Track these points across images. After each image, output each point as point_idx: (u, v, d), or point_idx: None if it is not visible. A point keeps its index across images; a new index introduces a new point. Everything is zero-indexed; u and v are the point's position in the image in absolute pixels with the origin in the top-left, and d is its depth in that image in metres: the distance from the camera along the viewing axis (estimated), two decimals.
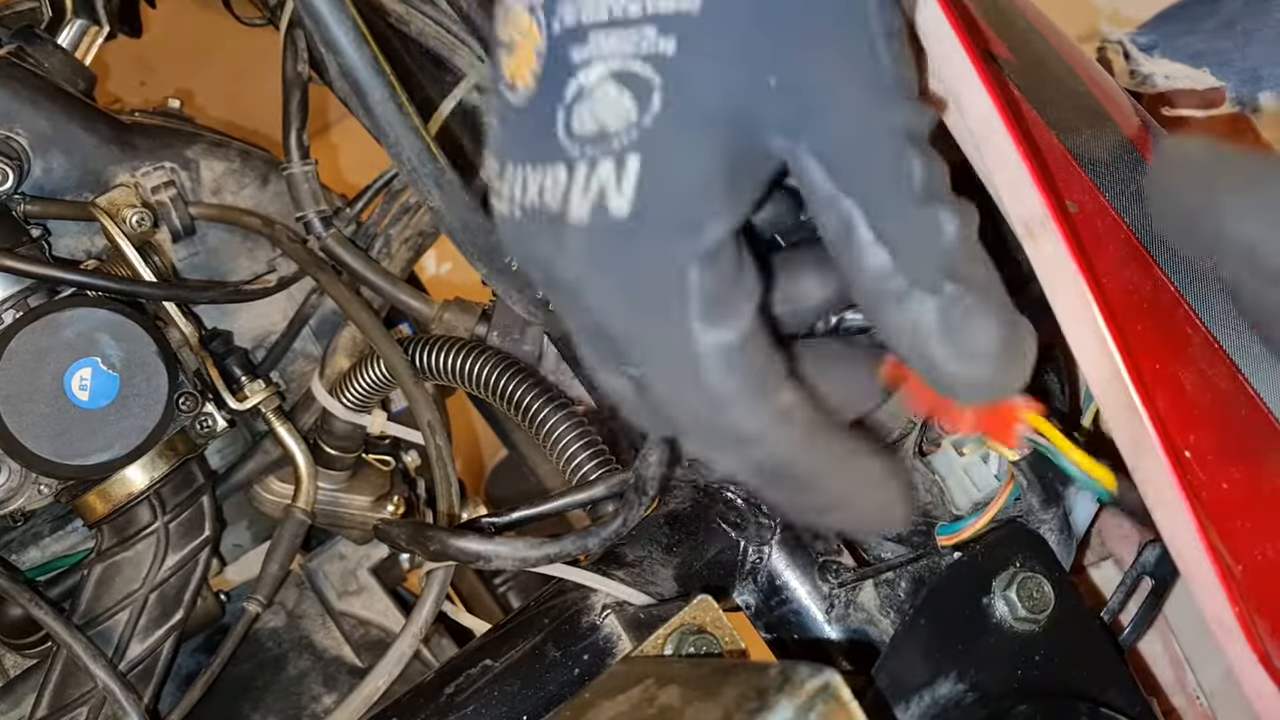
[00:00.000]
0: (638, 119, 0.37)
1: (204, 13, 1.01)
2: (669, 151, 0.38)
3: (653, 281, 0.38)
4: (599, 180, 0.38)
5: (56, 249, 0.78)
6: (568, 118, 0.38)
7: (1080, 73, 0.57)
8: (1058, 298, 0.46)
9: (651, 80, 0.37)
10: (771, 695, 0.41)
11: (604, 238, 0.38)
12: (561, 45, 0.38)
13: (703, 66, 0.37)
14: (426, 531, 0.55)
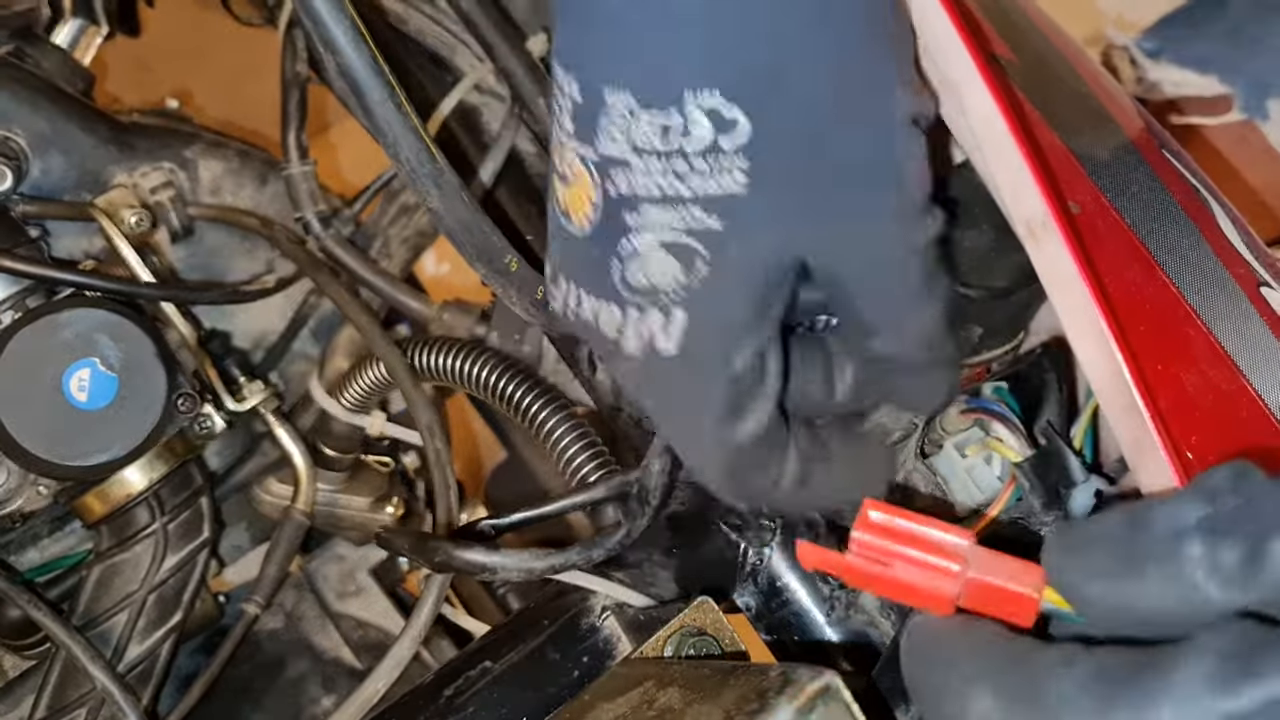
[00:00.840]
0: (685, 281, 0.42)
1: (203, 12, 1.01)
2: (711, 307, 0.43)
3: (689, 400, 0.45)
4: (649, 326, 0.43)
5: (55, 249, 0.78)
6: (623, 270, 0.42)
7: (1083, 73, 0.57)
8: (1059, 298, 0.46)
9: (699, 251, 0.42)
10: (772, 697, 0.41)
11: (652, 368, 0.44)
12: (616, 208, 0.41)
13: (745, 237, 0.41)
14: (430, 542, 0.55)
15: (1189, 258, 0.49)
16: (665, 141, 0.40)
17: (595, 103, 0.40)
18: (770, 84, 0.39)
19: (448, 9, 0.79)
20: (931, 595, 0.38)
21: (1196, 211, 0.52)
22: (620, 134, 0.40)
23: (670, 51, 0.39)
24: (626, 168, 0.41)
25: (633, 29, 0.39)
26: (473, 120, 0.80)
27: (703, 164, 0.40)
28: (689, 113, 0.39)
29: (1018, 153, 0.46)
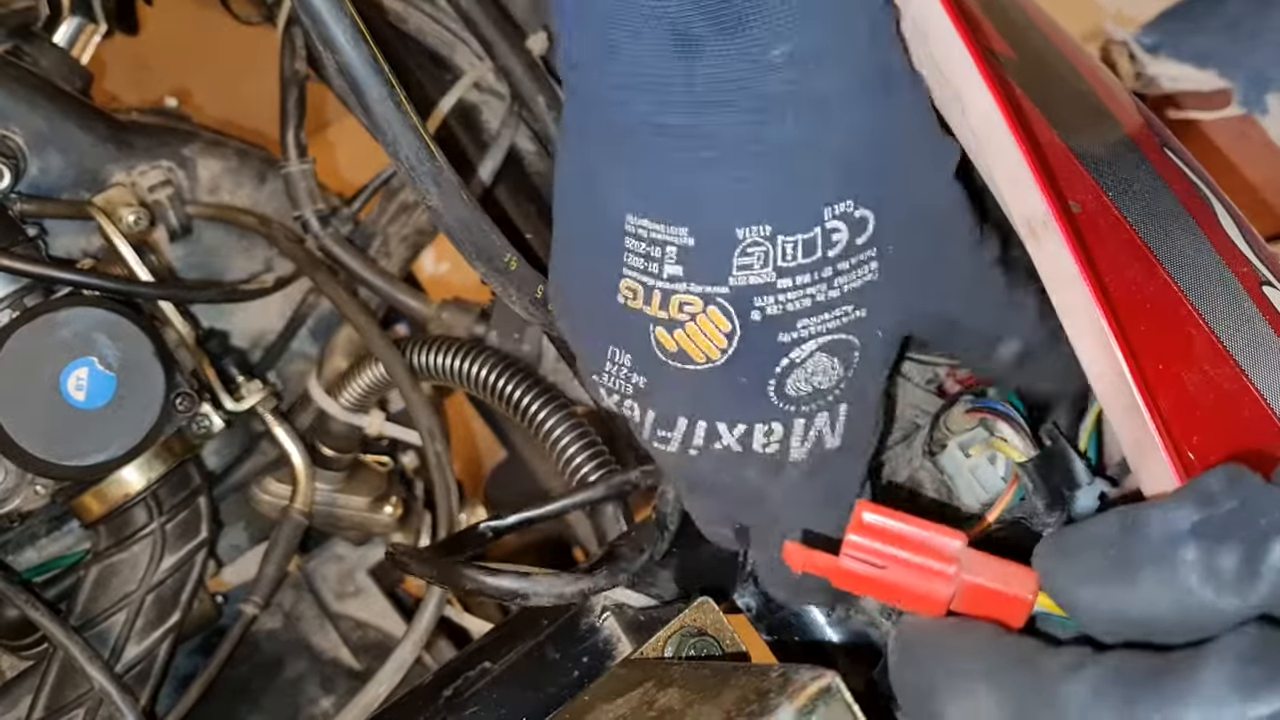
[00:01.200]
0: (845, 374, 0.45)
1: (201, 11, 1.00)
2: (864, 391, 0.46)
3: (846, 487, 0.49)
4: (816, 429, 0.46)
5: (53, 248, 0.78)
6: (780, 385, 0.44)
7: (1082, 71, 0.57)
8: (1060, 297, 0.46)
9: (854, 343, 0.44)
10: (772, 698, 0.41)
11: (819, 466, 0.47)
12: (764, 331, 0.43)
13: (885, 313, 0.45)
14: (461, 570, 0.54)
15: (1190, 257, 0.49)
16: (809, 255, 0.42)
17: (723, 241, 0.41)
18: (881, 178, 0.42)
19: (447, 7, 0.78)
20: (924, 597, 0.38)
21: (1198, 210, 0.52)
22: (759, 263, 0.41)
23: (807, 185, 0.41)
24: (772, 290, 0.42)
25: (765, 177, 0.40)
26: (472, 119, 0.79)
27: (845, 264, 0.43)
28: (828, 225, 0.42)
29: (1017, 151, 0.46)
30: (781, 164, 0.40)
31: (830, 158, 0.41)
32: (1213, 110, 1.14)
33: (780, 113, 0.39)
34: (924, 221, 0.45)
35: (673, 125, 0.40)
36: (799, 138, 0.40)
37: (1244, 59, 1.13)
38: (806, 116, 0.40)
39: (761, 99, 0.39)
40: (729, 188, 0.40)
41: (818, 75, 0.39)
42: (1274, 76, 1.12)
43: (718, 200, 0.41)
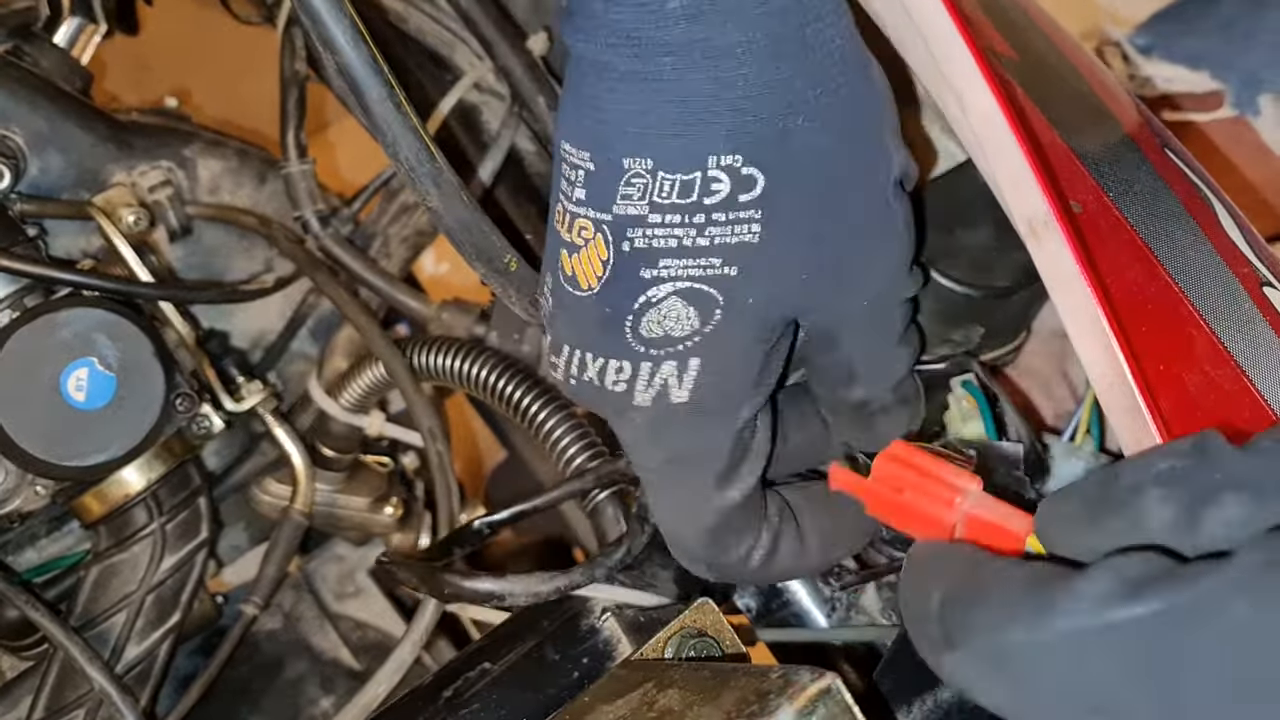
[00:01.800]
0: (699, 327, 0.45)
1: (201, 11, 1.00)
2: (724, 353, 0.46)
3: (696, 455, 0.48)
4: (662, 376, 0.46)
5: (53, 248, 0.78)
6: (635, 323, 0.45)
7: (1083, 71, 0.57)
8: (1061, 298, 0.46)
9: (715, 298, 0.45)
10: (773, 699, 0.41)
11: (662, 419, 0.47)
12: (631, 262, 0.44)
13: (757, 286, 0.45)
14: (441, 576, 0.56)
15: (1191, 257, 0.49)
16: (686, 196, 0.43)
17: (613, 170, 0.43)
18: (781, 146, 0.43)
19: (447, 7, 0.78)
20: (933, 521, 0.42)
21: (1199, 210, 0.52)
22: (638, 194, 0.43)
23: (695, 128, 0.42)
24: (643, 223, 0.43)
25: (653, 115, 0.42)
26: (472, 119, 0.79)
27: (721, 216, 0.43)
28: (711, 173, 0.43)
29: (1019, 151, 0.46)
30: (674, 105, 0.42)
31: (723, 109, 0.42)
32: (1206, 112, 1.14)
33: (679, 59, 0.41)
34: (836, 216, 0.45)
35: (595, 60, 0.43)
36: (694, 84, 0.42)
37: (1236, 60, 1.13)
38: (704, 66, 0.41)
39: (662, 45, 0.41)
40: (625, 120, 0.43)
41: (718, 28, 0.41)
42: (1266, 78, 1.12)
43: (615, 130, 0.43)
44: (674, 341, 0.45)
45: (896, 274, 0.48)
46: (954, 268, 0.56)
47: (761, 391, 0.48)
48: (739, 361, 0.47)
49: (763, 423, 0.49)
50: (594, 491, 0.65)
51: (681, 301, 0.44)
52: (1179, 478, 0.35)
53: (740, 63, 0.42)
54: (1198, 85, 1.15)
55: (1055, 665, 0.34)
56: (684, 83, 0.42)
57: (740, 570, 0.51)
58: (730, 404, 0.47)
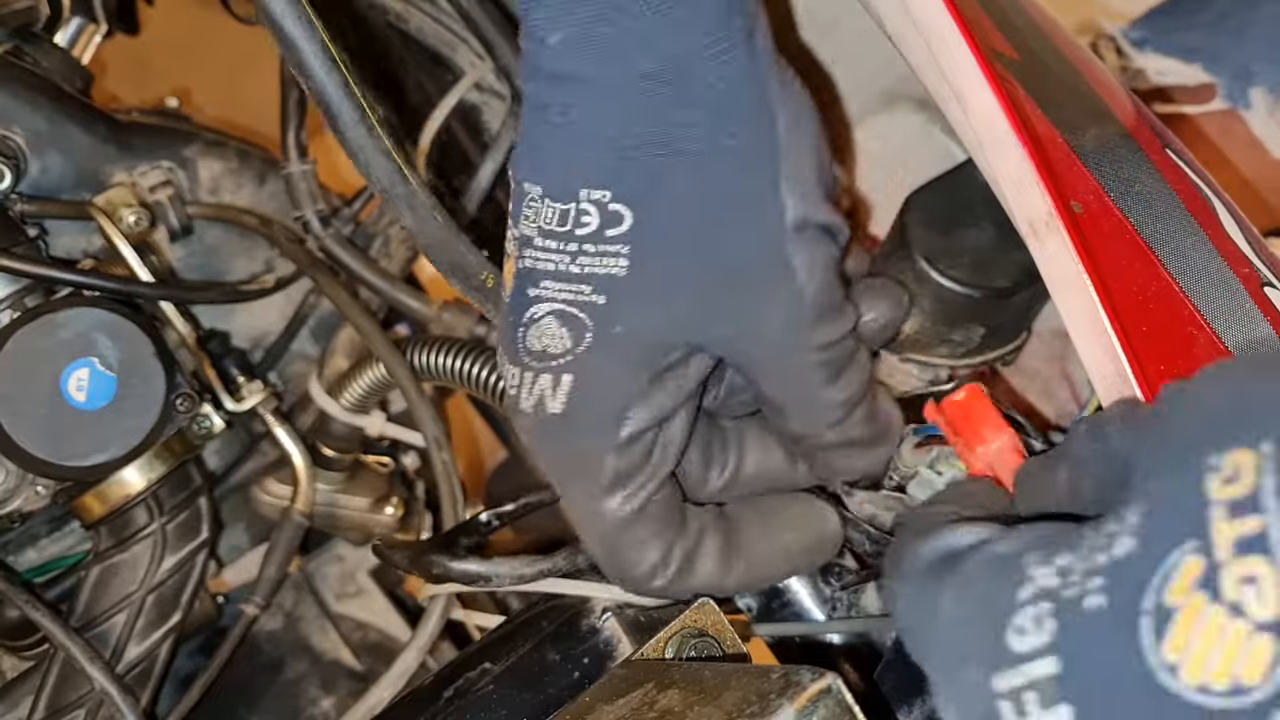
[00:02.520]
0: (572, 347, 0.47)
1: (202, 11, 1.00)
2: (594, 374, 0.48)
3: (576, 463, 0.50)
4: (540, 388, 0.48)
5: (53, 248, 0.78)
6: (524, 335, 0.48)
7: (1083, 70, 0.57)
8: (1062, 298, 0.46)
9: (585, 321, 0.47)
10: (773, 699, 0.41)
11: (542, 428, 0.49)
12: (522, 279, 0.47)
13: (627, 315, 0.47)
14: (428, 556, 0.57)
15: (1192, 257, 0.49)
16: (562, 225, 0.45)
17: (520, 192, 0.46)
18: (652, 186, 0.45)
19: (448, 7, 0.78)
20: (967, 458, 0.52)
21: (1200, 210, 0.52)
22: (532, 217, 0.46)
23: (571, 161, 0.45)
24: (532, 245, 0.46)
25: (545, 145, 0.45)
26: (473, 119, 0.80)
27: (591, 247, 0.45)
28: (582, 205, 0.45)
29: (1020, 151, 0.46)
30: (556, 138, 0.45)
31: (599, 144, 0.44)
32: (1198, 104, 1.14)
33: (562, 91, 0.44)
34: (713, 257, 0.46)
35: (521, 87, 0.46)
36: (573, 118, 0.44)
37: (1228, 54, 1.13)
38: (582, 99, 0.44)
39: (551, 78, 0.44)
40: (527, 149, 0.46)
41: (592, 63, 0.43)
42: (1258, 71, 1.12)
43: (523, 155, 0.46)
44: (551, 357, 0.47)
45: (795, 323, 0.48)
46: (955, 268, 0.56)
47: (649, 410, 0.48)
48: (611, 383, 0.48)
49: (671, 438, 0.50)
50: None
51: (556, 321, 0.47)
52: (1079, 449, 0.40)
53: (614, 100, 0.43)
54: (1190, 78, 1.15)
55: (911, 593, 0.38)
56: (566, 115, 0.44)
57: (647, 584, 0.51)
58: (604, 422, 0.48)
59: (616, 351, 0.47)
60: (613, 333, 0.47)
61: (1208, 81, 1.15)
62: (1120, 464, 0.36)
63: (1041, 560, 0.33)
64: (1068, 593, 0.31)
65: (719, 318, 0.47)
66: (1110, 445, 0.37)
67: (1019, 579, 0.33)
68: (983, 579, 0.35)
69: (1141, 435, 0.36)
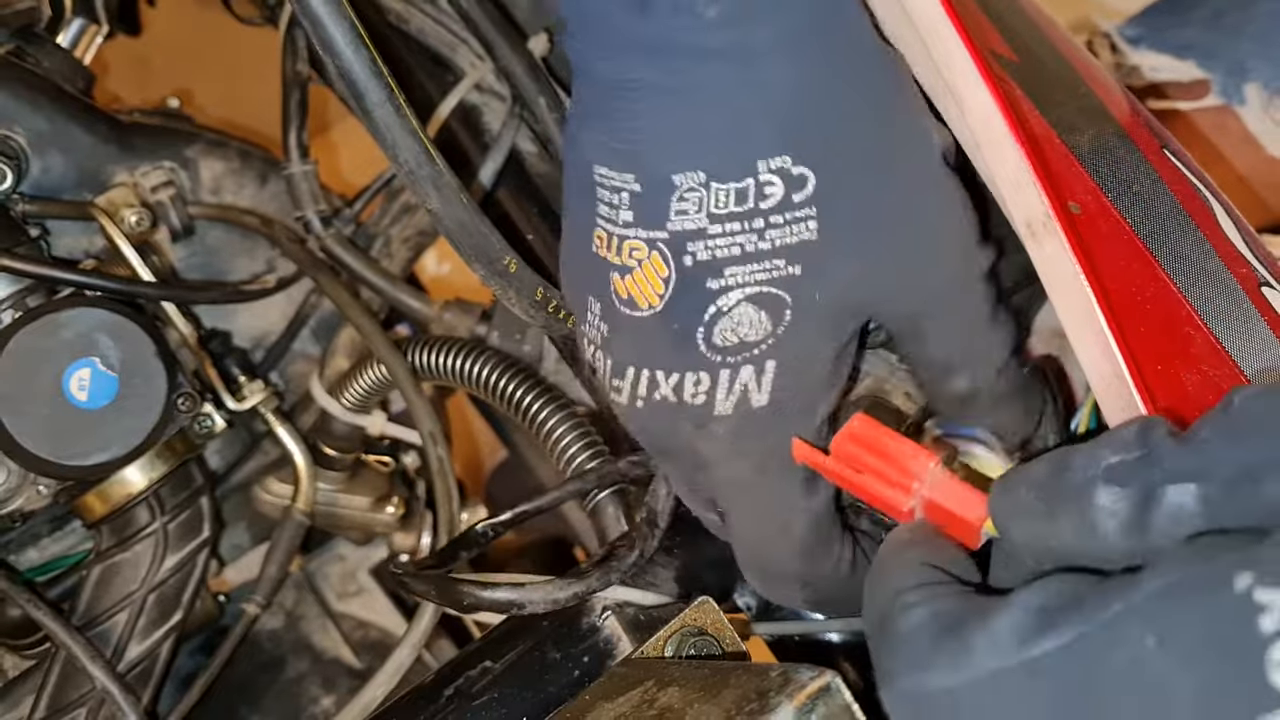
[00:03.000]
0: (773, 329, 0.45)
1: (203, 12, 1.01)
2: (798, 353, 0.46)
3: (780, 458, 0.47)
4: (741, 382, 0.46)
5: (55, 249, 0.78)
6: (708, 334, 0.45)
7: (1081, 71, 0.57)
8: (1060, 298, 0.46)
9: (784, 299, 0.45)
10: (772, 697, 0.41)
11: (746, 426, 0.47)
12: (695, 276, 0.44)
13: (823, 278, 0.45)
14: (458, 587, 0.55)
15: (1190, 257, 0.49)
16: (741, 203, 0.43)
17: (663, 188, 0.44)
18: (826, 141, 0.43)
19: (448, 8, 0.78)
20: (889, 505, 0.43)
21: (1198, 210, 0.52)
22: (694, 208, 0.43)
23: (741, 135, 0.43)
24: (703, 235, 0.44)
25: (696, 126, 0.43)
26: (473, 120, 0.80)
27: (779, 218, 0.43)
28: (761, 177, 0.43)
29: (1017, 151, 0.46)
30: (718, 115, 0.42)
31: (766, 112, 0.42)
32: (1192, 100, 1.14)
33: (718, 66, 0.42)
34: (889, 200, 0.45)
35: (628, 78, 0.43)
36: (736, 91, 0.42)
37: (1223, 50, 1.14)
38: (743, 71, 0.42)
39: (701, 52, 0.41)
40: (670, 136, 0.43)
41: (754, 32, 0.41)
42: (1252, 68, 1.12)
43: (660, 147, 0.43)
44: (749, 347, 0.45)
45: (965, 246, 0.47)
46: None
47: (835, 390, 0.48)
48: (813, 360, 0.46)
49: (831, 425, 0.49)
50: (594, 491, 0.65)
51: (752, 306, 0.45)
52: (1126, 475, 0.35)
53: (778, 65, 0.42)
54: (1184, 74, 1.15)
55: (976, 709, 0.33)
56: (724, 90, 0.42)
57: (832, 583, 0.50)
58: (808, 403, 0.47)
59: (815, 323, 0.46)
60: (813, 302, 0.45)
61: (1202, 78, 1.15)
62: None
63: (1272, 584, 0.30)
64: None
65: (904, 261, 0.46)
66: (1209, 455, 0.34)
67: (1251, 610, 0.30)
68: (1194, 612, 0.31)
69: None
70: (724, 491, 0.50)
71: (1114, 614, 0.31)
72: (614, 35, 0.42)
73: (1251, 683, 0.29)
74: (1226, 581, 0.30)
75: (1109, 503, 0.35)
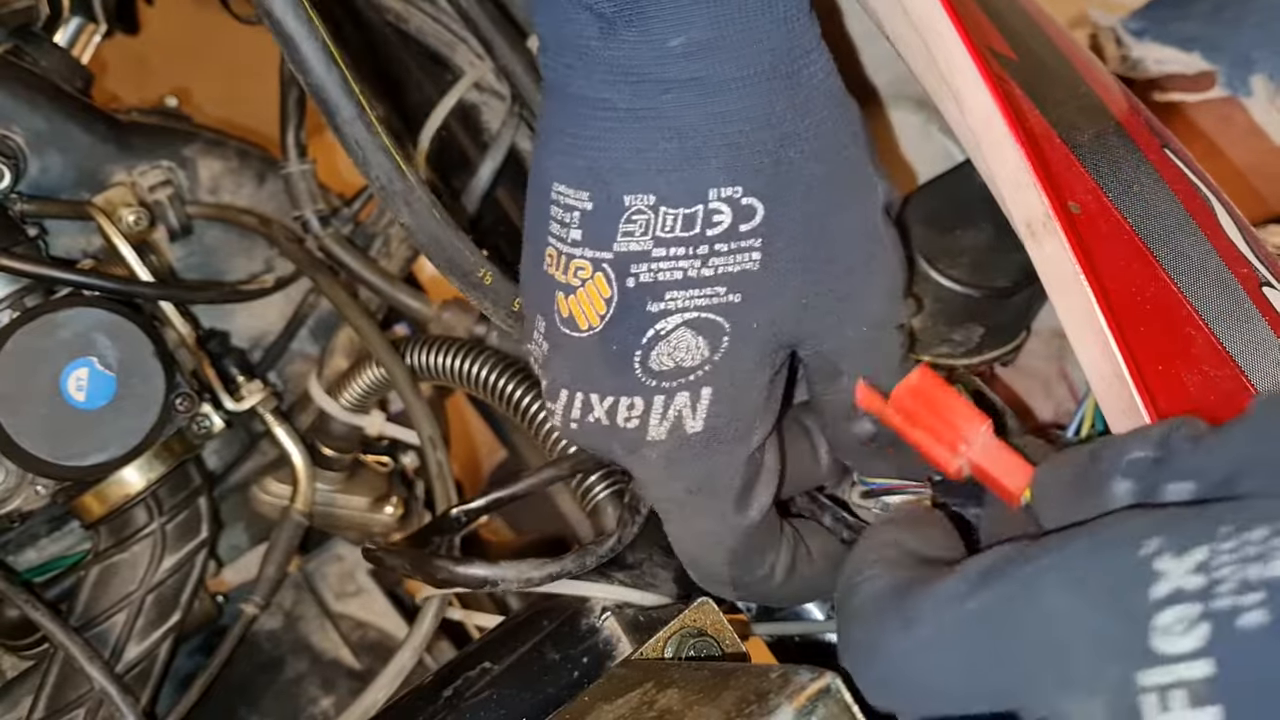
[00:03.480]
0: (710, 356, 0.46)
1: (202, 11, 1.01)
2: (735, 379, 0.46)
3: (711, 481, 0.48)
4: (676, 408, 0.46)
5: (53, 248, 0.78)
6: (645, 357, 0.45)
7: (1081, 71, 0.57)
8: (1059, 298, 0.46)
9: (723, 325, 0.45)
10: (772, 698, 0.41)
11: (678, 451, 0.47)
12: (637, 298, 0.45)
13: (762, 305, 0.46)
14: (433, 561, 0.56)
15: (1190, 257, 0.49)
16: (689, 229, 0.44)
17: (613, 208, 0.44)
18: (777, 176, 0.44)
19: (447, 7, 0.78)
20: (938, 460, 0.45)
21: (1198, 210, 0.52)
22: (640, 230, 0.44)
23: (696, 164, 0.44)
24: (647, 258, 0.44)
25: (653, 151, 0.43)
26: (472, 119, 0.79)
27: (724, 246, 0.44)
28: (711, 205, 0.44)
29: (1017, 151, 0.46)
30: (674, 141, 0.43)
31: (721, 142, 0.43)
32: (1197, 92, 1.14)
33: (678, 95, 0.43)
34: (832, 240, 0.46)
35: (592, 98, 0.44)
36: (694, 120, 0.43)
37: (1227, 42, 1.14)
38: (702, 101, 0.43)
39: (662, 82, 0.43)
40: (626, 157, 0.44)
41: (716, 66, 0.43)
42: (1257, 59, 1.12)
43: (615, 168, 0.44)
44: (685, 372, 0.46)
45: (891, 299, 0.49)
46: (954, 268, 0.56)
47: (770, 414, 0.49)
48: (749, 386, 0.47)
49: (771, 443, 0.50)
50: (594, 490, 0.65)
51: (691, 332, 0.45)
52: (1141, 470, 0.38)
53: (737, 97, 0.43)
54: (1189, 66, 1.15)
55: (924, 667, 0.37)
56: (683, 118, 0.43)
57: (764, 587, 0.52)
58: (743, 430, 0.48)
59: (752, 351, 0.47)
60: (750, 330, 0.46)
61: (1208, 70, 1.15)
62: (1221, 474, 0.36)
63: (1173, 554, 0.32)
64: (1220, 604, 0.31)
65: (834, 301, 0.47)
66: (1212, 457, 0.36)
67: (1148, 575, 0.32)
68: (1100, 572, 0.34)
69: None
70: (658, 506, 0.51)
71: (1034, 569, 0.34)
72: (584, 57, 0.43)
73: (1134, 643, 0.32)
74: (1135, 545, 0.33)
75: (1121, 493, 0.38)
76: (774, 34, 0.43)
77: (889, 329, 0.49)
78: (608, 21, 0.42)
